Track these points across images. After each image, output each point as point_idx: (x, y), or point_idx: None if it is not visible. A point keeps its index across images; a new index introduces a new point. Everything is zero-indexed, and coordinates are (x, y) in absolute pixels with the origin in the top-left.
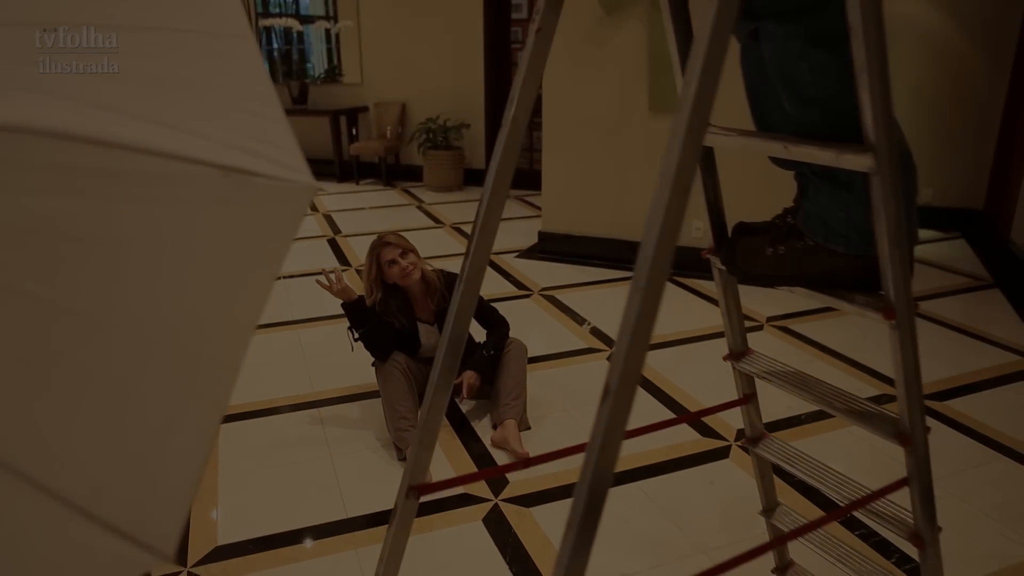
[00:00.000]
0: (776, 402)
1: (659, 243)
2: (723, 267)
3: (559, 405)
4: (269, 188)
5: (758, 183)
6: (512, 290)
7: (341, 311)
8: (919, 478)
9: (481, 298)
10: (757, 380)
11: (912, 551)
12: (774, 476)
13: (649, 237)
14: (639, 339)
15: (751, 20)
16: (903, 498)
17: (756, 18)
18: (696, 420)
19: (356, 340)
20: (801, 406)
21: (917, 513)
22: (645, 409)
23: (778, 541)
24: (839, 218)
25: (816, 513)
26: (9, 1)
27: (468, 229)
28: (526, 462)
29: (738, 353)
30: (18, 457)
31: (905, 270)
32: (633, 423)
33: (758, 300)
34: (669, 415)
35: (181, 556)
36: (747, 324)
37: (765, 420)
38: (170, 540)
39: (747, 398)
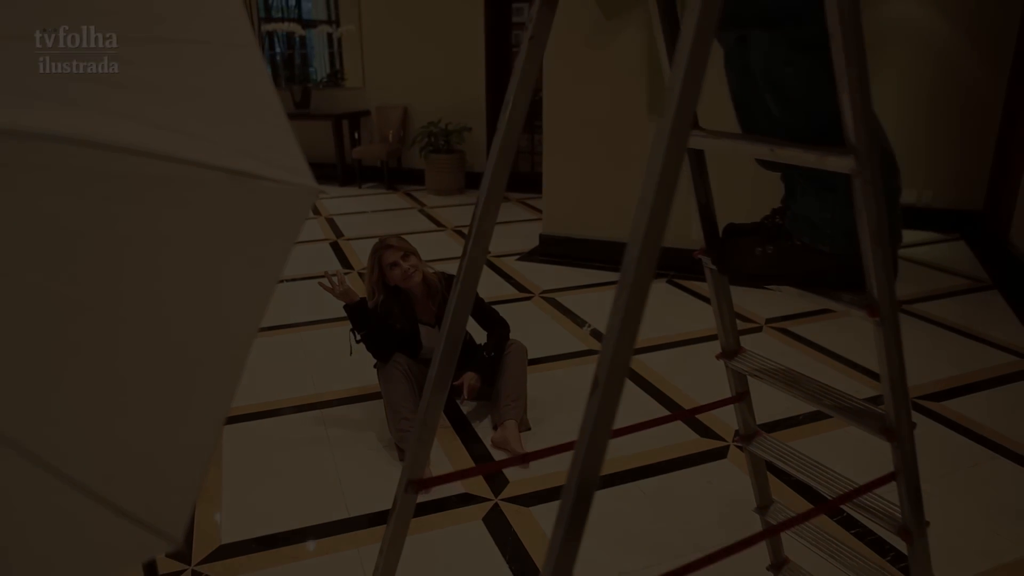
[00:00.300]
0: (776, 402)
1: (645, 241)
2: (714, 267)
3: (559, 406)
4: (272, 191)
5: (748, 185)
6: (513, 292)
7: (343, 313)
8: (906, 473)
9: (482, 300)
10: (750, 379)
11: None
12: (772, 476)
13: (636, 235)
14: (627, 334)
15: (738, 28)
16: (894, 495)
17: (743, 26)
18: (691, 418)
19: (358, 342)
20: (800, 406)
21: (905, 507)
22: (644, 409)
23: (766, 533)
24: (824, 219)
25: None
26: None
27: None
28: (523, 457)
29: (730, 352)
30: (35, 443)
31: (888, 269)
32: (631, 422)
33: (757, 302)
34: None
35: (185, 555)
36: (746, 326)
37: (766, 420)
38: (179, 525)
39: (740, 396)
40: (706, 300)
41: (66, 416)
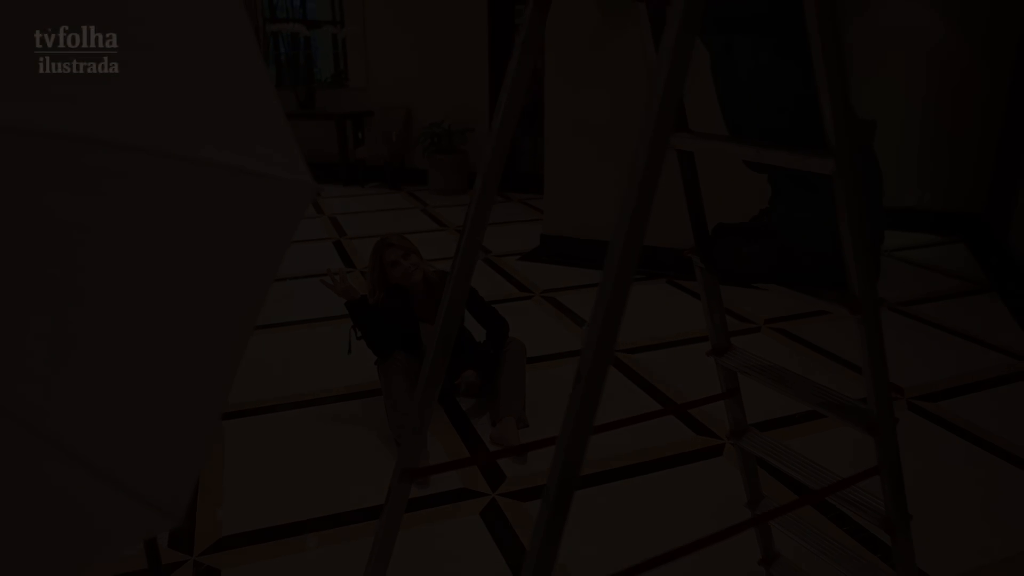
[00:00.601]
0: (773, 402)
1: (627, 237)
2: (704, 266)
3: (558, 404)
4: (271, 188)
5: (739, 186)
6: (514, 292)
7: (344, 311)
8: (888, 467)
9: (481, 299)
10: (743, 377)
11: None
12: (768, 474)
13: (618, 231)
14: (609, 328)
15: (722, 33)
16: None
17: (727, 31)
18: (688, 416)
19: (359, 338)
20: (795, 406)
21: (888, 501)
22: (641, 407)
23: (751, 522)
24: (808, 219)
25: (804, 509)
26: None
27: None
28: (519, 448)
29: (720, 349)
30: (37, 419)
31: (869, 268)
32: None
33: (756, 302)
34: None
35: (187, 545)
36: (745, 326)
37: (763, 419)
38: (179, 503)
39: (729, 393)
40: None
41: (69, 393)
